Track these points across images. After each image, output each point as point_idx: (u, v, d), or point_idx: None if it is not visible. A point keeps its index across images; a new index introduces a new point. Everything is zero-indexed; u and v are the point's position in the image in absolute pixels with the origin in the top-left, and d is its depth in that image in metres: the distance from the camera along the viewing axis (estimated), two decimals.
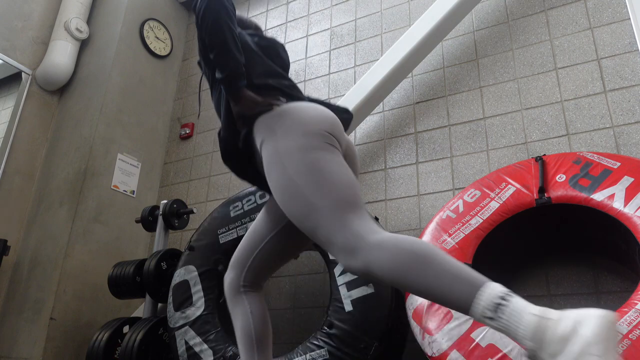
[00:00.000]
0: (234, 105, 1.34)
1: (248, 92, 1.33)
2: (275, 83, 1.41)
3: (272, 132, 1.28)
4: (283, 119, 1.28)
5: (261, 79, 1.39)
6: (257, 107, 1.33)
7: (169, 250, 2.48)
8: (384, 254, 1.02)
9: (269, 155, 1.26)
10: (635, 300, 1.39)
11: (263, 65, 1.43)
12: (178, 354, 2.06)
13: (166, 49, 3.73)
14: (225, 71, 1.29)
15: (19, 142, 3.22)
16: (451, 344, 1.55)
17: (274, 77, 1.43)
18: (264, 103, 1.33)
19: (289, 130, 1.25)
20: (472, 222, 1.87)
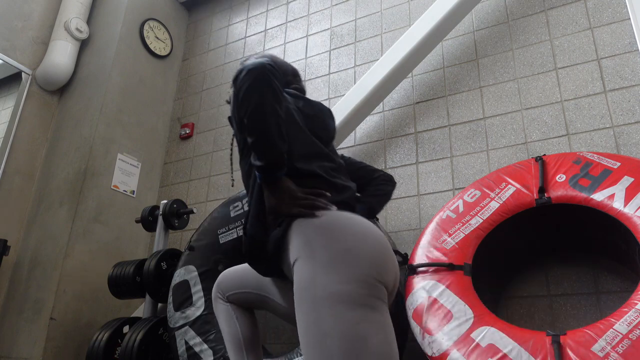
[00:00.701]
0: (268, 196, 1.14)
1: (287, 183, 1.13)
2: (320, 168, 1.21)
3: (311, 255, 1.05)
4: (326, 240, 1.05)
5: (304, 163, 1.19)
6: (296, 205, 1.11)
7: (169, 250, 2.48)
8: None
9: (303, 286, 1.04)
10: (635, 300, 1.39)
11: (307, 144, 1.24)
12: (178, 354, 2.06)
13: (166, 49, 3.73)
14: (264, 160, 1.09)
15: (19, 142, 3.22)
16: (451, 344, 1.55)
17: (318, 159, 1.23)
18: (306, 203, 1.11)
19: (333, 264, 1.02)
20: (472, 222, 1.87)
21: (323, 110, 1.39)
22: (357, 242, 1.06)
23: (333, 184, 1.21)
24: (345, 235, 1.06)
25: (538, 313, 2.02)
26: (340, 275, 1.01)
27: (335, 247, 1.04)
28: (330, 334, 0.98)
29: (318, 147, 1.26)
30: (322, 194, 1.15)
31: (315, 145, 1.26)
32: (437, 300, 1.69)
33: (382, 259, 1.07)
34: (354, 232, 1.08)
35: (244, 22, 3.69)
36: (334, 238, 1.05)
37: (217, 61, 3.67)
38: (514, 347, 1.43)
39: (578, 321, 1.93)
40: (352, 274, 1.01)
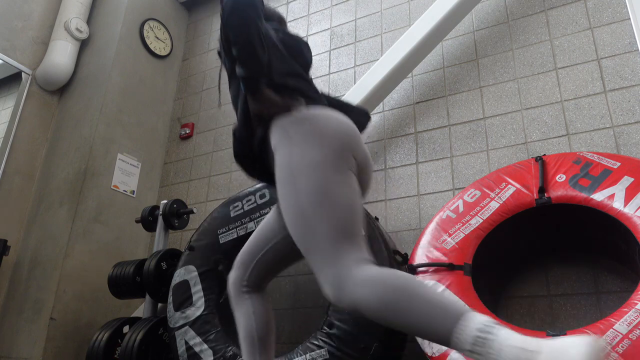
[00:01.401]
0: (252, 103, 1.32)
1: (268, 91, 1.30)
2: (296, 84, 1.38)
3: (288, 138, 1.24)
4: (300, 126, 1.25)
5: (282, 79, 1.35)
6: (276, 108, 1.30)
7: (169, 250, 2.48)
8: (370, 293, 1.03)
9: (282, 162, 1.23)
10: (635, 300, 1.39)
11: (285, 63, 1.40)
12: (178, 354, 2.06)
13: (166, 49, 3.73)
14: (247, 69, 1.25)
15: (19, 142, 3.22)
16: None
17: (295, 78, 1.39)
18: (283, 105, 1.30)
19: (306, 140, 1.22)
20: (472, 222, 1.87)
21: (300, 41, 1.53)
22: (328, 123, 1.26)
23: (308, 96, 1.37)
24: (317, 121, 1.26)
25: (538, 313, 2.02)
26: (312, 146, 1.20)
27: (308, 128, 1.24)
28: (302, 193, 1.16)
29: (295, 67, 1.42)
30: (296, 99, 1.33)
31: (293, 65, 1.42)
32: None
33: (351, 134, 1.28)
34: (326, 118, 1.28)
35: None
36: (307, 123, 1.25)
37: (217, 61, 3.67)
38: None
39: (578, 321, 1.93)
40: (321, 142, 1.21)
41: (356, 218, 1.18)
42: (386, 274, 1.05)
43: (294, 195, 1.18)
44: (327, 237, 1.12)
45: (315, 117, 1.28)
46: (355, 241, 1.14)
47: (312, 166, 1.18)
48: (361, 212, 1.21)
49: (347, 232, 1.13)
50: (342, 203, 1.16)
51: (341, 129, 1.27)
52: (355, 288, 1.05)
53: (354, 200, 1.19)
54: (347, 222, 1.15)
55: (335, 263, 1.09)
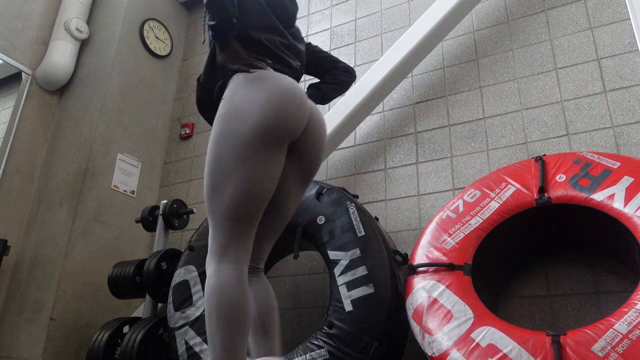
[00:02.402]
0: (219, 53, 1.35)
1: (236, 44, 1.33)
2: (269, 41, 1.39)
3: (231, 97, 1.29)
4: (247, 88, 1.28)
5: (256, 33, 1.38)
6: (238, 63, 1.32)
7: (169, 250, 2.48)
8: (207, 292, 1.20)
9: (217, 117, 1.29)
10: (635, 300, 1.39)
11: (262, 16, 1.41)
12: (178, 354, 2.06)
13: (166, 49, 3.73)
14: (216, 19, 1.28)
15: (19, 142, 3.22)
16: (451, 344, 1.55)
17: (270, 33, 1.41)
18: (246, 62, 1.32)
19: (243, 105, 1.26)
20: (472, 222, 1.87)
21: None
22: (271, 93, 1.27)
23: (277, 55, 1.40)
24: (262, 88, 1.27)
25: (538, 313, 2.02)
26: (246, 114, 1.24)
27: (251, 93, 1.26)
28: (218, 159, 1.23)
29: (273, 21, 1.43)
30: (262, 59, 1.36)
31: (271, 19, 1.43)
32: (437, 300, 1.69)
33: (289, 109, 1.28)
34: (273, 87, 1.28)
35: None
36: (254, 87, 1.27)
37: None
38: (514, 347, 1.43)
39: (578, 321, 1.93)
40: (256, 113, 1.24)
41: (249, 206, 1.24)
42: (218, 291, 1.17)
43: (213, 157, 1.25)
44: (224, 217, 1.23)
45: (264, 82, 1.29)
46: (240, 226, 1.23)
47: (236, 137, 1.23)
48: (263, 198, 1.27)
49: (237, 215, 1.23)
50: (246, 185, 1.22)
51: (283, 102, 1.28)
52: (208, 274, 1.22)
53: (259, 186, 1.25)
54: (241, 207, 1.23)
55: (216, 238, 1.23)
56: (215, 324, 1.17)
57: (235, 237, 1.23)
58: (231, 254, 1.22)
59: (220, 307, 1.16)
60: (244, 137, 1.23)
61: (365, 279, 1.81)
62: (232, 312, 1.16)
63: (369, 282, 1.81)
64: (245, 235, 1.25)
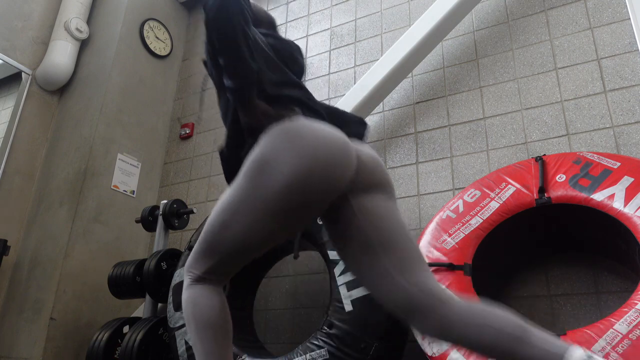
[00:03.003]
0: (242, 116, 1.21)
1: (260, 103, 1.20)
2: (290, 93, 1.28)
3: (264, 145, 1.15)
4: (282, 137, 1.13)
5: (275, 89, 1.25)
6: (268, 120, 1.19)
7: (169, 250, 2.48)
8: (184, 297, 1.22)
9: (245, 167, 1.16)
10: (635, 300, 1.39)
11: (277, 72, 1.30)
12: (178, 354, 2.06)
13: (166, 49, 3.73)
14: (236, 80, 1.15)
15: (19, 142, 3.22)
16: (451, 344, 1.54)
17: (289, 87, 1.29)
18: (277, 116, 1.19)
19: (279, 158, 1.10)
20: (472, 222, 1.87)
21: (292, 46, 1.46)
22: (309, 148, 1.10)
23: (304, 104, 1.27)
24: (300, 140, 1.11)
25: (538, 313, 2.02)
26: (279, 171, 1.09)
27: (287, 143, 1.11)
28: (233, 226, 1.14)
29: (289, 76, 1.32)
30: (292, 109, 1.22)
31: (287, 74, 1.31)
32: None
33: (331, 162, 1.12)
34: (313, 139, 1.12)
35: None
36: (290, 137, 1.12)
37: None
38: None
39: (578, 321, 1.93)
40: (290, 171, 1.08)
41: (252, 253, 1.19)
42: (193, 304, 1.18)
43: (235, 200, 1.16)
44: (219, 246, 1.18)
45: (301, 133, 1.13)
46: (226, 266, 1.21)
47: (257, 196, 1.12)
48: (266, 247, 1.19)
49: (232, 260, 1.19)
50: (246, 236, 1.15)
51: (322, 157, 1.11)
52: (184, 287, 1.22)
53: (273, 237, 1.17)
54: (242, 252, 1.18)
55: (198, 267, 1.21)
56: (195, 332, 1.17)
57: (220, 267, 1.21)
58: (212, 277, 1.21)
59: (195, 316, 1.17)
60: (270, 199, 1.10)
61: None
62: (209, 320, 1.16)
63: None
64: (231, 267, 1.23)
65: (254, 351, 2.12)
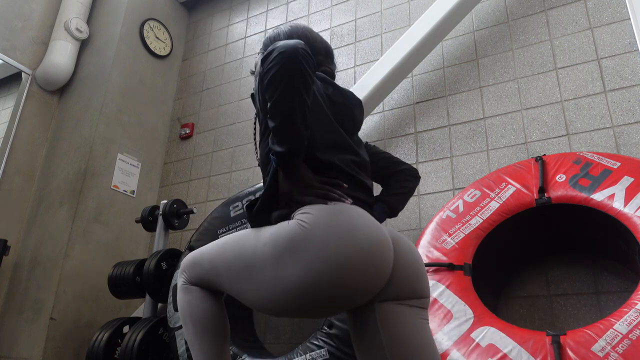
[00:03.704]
0: (282, 180, 1.09)
1: (304, 170, 1.08)
2: (341, 161, 1.15)
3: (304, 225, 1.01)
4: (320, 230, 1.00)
5: (325, 153, 1.13)
6: (311, 194, 1.07)
7: (169, 250, 2.48)
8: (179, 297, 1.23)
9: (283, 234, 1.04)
10: (635, 300, 1.39)
11: (331, 132, 1.18)
12: (178, 354, 2.06)
13: (166, 49, 3.73)
14: (284, 147, 1.03)
15: (19, 142, 3.22)
16: (451, 344, 1.55)
17: (341, 152, 1.17)
18: (320, 193, 1.07)
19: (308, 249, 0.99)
20: (472, 222, 1.87)
21: (352, 99, 1.32)
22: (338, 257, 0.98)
23: (352, 177, 1.16)
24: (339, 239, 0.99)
25: (538, 313, 2.02)
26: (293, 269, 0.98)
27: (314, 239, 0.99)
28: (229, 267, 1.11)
29: (342, 137, 1.20)
30: (339, 185, 1.11)
31: (340, 135, 1.19)
32: (437, 300, 1.69)
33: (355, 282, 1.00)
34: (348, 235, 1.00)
35: (244, 22, 3.69)
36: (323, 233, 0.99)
37: (217, 61, 3.67)
38: (514, 347, 1.43)
39: (578, 321, 1.93)
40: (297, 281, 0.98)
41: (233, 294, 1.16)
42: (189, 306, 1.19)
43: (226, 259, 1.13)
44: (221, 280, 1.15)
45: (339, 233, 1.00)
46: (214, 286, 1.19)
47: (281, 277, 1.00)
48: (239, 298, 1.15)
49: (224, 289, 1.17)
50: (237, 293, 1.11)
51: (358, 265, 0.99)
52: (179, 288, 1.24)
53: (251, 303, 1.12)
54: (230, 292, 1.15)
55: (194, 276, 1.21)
56: (192, 333, 1.16)
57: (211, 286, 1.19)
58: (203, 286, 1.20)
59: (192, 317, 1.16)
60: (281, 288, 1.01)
61: None
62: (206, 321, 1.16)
63: None
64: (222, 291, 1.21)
65: (254, 351, 2.12)
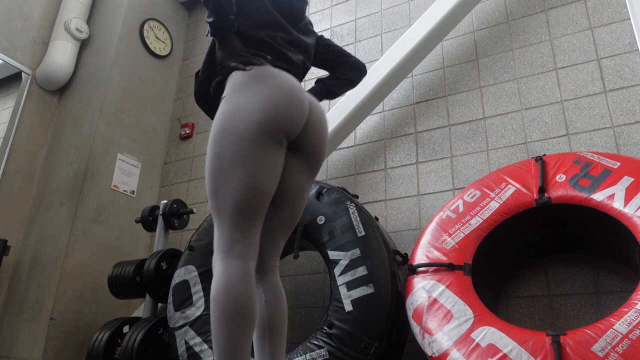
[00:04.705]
0: (218, 49, 1.37)
1: (235, 41, 1.35)
2: (269, 36, 1.40)
3: (231, 94, 1.30)
4: (246, 86, 1.29)
5: (255, 30, 1.39)
6: (236, 60, 1.34)
7: (169, 250, 2.48)
8: (212, 289, 1.19)
9: (217, 115, 1.30)
10: (635, 300, 1.39)
11: (263, 13, 1.42)
12: (178, 354, 2.06)
13: (166, 49, 3.73)
14: (214, 16, 1.30)
15: (19, 142, 3.22)
16: (451, 344, 1.55)
17: (271, 29, 1.42)
18: (244, 59, 1.34)
19: (242, 103, 1.26)
20: (472, 222, 1.87)
21: None
22: (270, 91, 1.27)
23: (276, 50, 1.40)
24: (261, 85, 1.28)
25: (538, 313, 2.02)
26: (244, 111, 1.25)
27: (249, 92, 1.27)
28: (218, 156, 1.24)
29: (275, 17, 1.43)
30: (261, 55, 1.37)
31: (271, 15, 1.43)
32: (437, 300, 1.69)
33: (288, 105, 1.29)
34: (273, 84, 1.29)
35: None
36: (251, 86, 1.28)
37: None
38: (514, 347, 1.43)
39: (578, 321, 1.93)
40: (255, 111, 1.25)
41: (253, 202, 1.24)
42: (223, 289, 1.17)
43: (212, 156, 1.27)
44: (224, 206, 1.23)
45: (263, 79, 1.30)
46: (244, 223, 1.23)
47: (235, 134, 1.24)
48: (266, 194, 1.27)
49: (241, 211, 1.23)
50: (247, 182, 1.23)
51: (282, 98, 1.29)
52: (215, 273, 1.21)
53: (261, 182, 1.25)
54: (245, 203, 1.23)
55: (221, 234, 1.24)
56: (219, 323, 1.16)
57: (240, 233, 1.23)
58: (237, 250, 1.22)
59: (225, 307, 1.16)
60: (244, 135, 1.24)
61: (365, 278, 1.82)
62: (237, 313, 1.16)
63: (369, 282, 1.81)
64: (251, 231, 1.25)
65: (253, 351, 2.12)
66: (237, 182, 1.23)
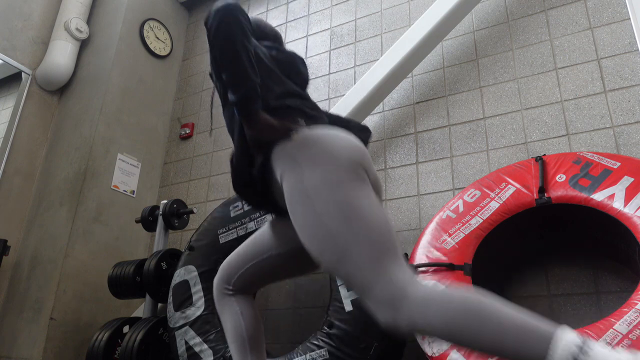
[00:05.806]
0: (248, 129, 1.21)
1: (264, 115, 1.20)
2: (294, 104, 1.31)
3: (295, 163, 1.16)
4: (307, 148, 1.17)
5: (279, 101, 1.29)
6: (275, 133, 1.21)
7: (169, 250, 2.48)
8: (432, 310, 0.96)
9: (293, 189, 1.15)
10: (635, 300, 1.39)
11: (281, 84, 1.33)
12: (178, 354, 2.06)
13: (166, 49, 3.73)
14: (238, 94, 1.17)
15: (19, 142, 3.22)
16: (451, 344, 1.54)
17: (292, 98, 1.33)
18: (282, 128, 1.21)
19: (316, 162, 1.14)
20: (472, 222, 1.87)
21: (295, 58, 1.48)
22: (335, 141, 1.19)
23: (306, 113, 1.32)
24: (324, 141, 1.19)
25: (538, 313, 2.02)
26: (324, 166, 1.14)
27: (315, 149, 1.17)
28: (325, 217, 1.08)
29: (293, 87, 1.36)
30: (296, 120, 1.27)
31: (290, 85, 1.36)
32: None
33: (360, 149, 1.22)
34: (332, 136, 1.21)
35: None
36: (314, 144, 1.18)
37: None
38: None
39: (578, 321, 1.93)
40: (334, 161, 1.14)
41: (391, 234, 1.10)
42: (450, 291, 0.98)
43: (317, 222, 1.09)
44: (367, 257, 1.04)
45: (320, 137, 1.20)
46: (397, 258, 1.06)
47: (329, 186, 1.11)
48: (393, 227, 1.13)
49: (387, 249, 1.05)
50: (372, 218, 1.08)
51: (351, 145, 1.21)
52: (412, 306, 0.97)
53: (382, 214, 1.12)
54: (384, 239, 1.07)
55: (383, 281, 1.01)
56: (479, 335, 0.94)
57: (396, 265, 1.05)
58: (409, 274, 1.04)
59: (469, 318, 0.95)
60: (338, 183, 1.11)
61: None
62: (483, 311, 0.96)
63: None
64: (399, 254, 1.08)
65: None
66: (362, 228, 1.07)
